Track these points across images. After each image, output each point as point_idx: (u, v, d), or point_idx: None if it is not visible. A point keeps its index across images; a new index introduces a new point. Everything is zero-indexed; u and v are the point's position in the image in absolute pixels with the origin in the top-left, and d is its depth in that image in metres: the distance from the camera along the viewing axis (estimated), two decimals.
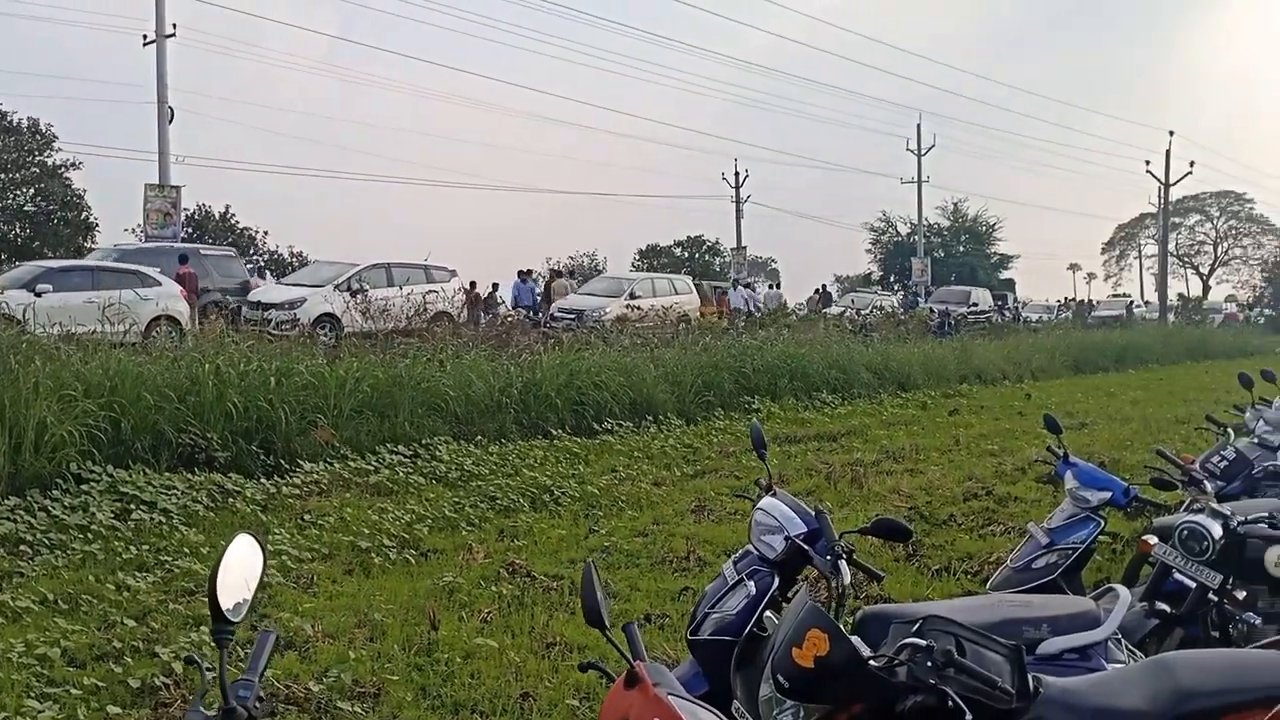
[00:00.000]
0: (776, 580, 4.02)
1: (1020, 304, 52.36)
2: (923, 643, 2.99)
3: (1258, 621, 4.83)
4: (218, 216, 45.95)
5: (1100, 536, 7.69)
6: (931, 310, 34.93)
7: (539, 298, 29.65)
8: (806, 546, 3.92)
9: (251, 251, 44.41)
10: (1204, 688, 3.07)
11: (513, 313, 26.63)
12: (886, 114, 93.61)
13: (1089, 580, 6.90)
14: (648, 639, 6.24)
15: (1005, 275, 62.33)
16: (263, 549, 2.35)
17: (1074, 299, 62.04)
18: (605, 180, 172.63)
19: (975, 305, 39.71)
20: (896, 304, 41.19)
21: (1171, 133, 51.00)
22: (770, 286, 41.03)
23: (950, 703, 2.87)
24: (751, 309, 30.54)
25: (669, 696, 2.71)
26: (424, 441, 11.43)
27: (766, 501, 4.22)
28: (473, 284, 27.00)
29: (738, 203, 51.02)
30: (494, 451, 11.73)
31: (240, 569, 2.22)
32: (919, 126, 50.87)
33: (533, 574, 7.38)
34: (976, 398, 20.32)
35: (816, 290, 41.99)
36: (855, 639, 3.18)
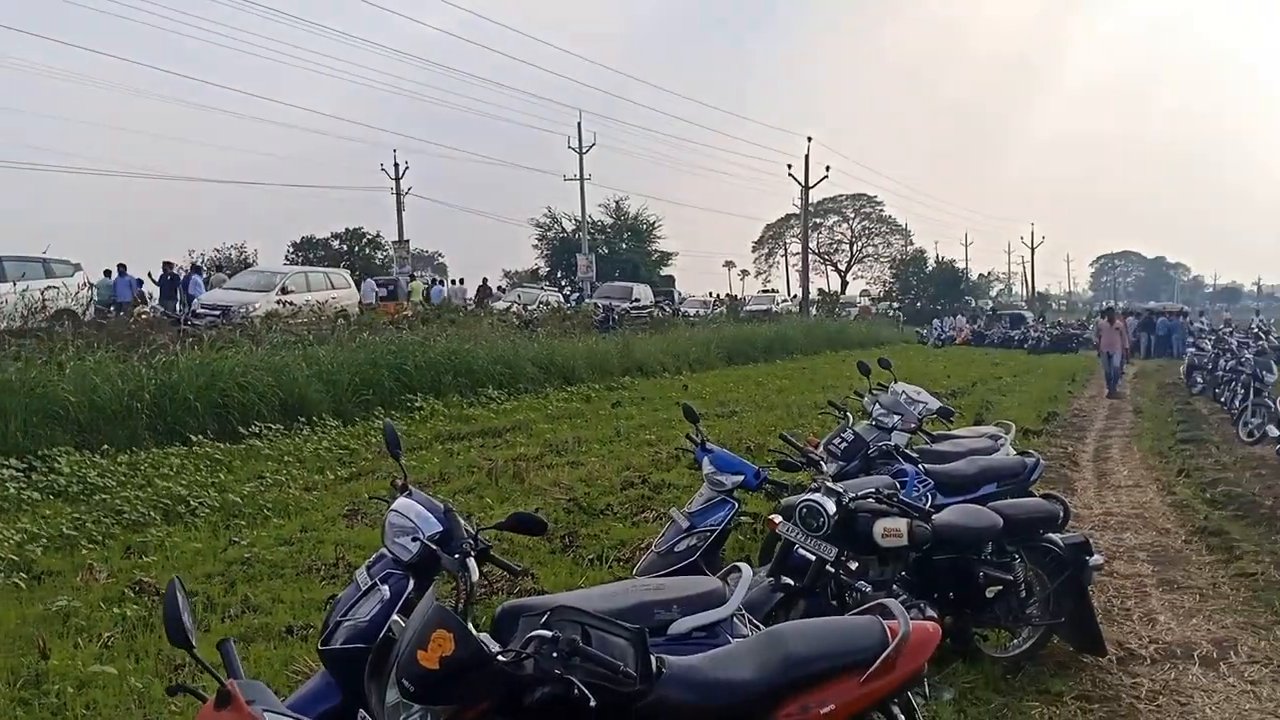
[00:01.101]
0: (412, 583, 3.93)
1: (680, 299, 54.73)
2: (549, 634, 3.02)
3: (868, 589, 5.23)
4: None
5: (743, 517, 8.20)
6: (596, 305, 35.78)
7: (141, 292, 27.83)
8: (435, 547, 3.86)
9: None
10: (809, 654, 3.29)
11: (149, 310, 24.79)
12: (550, 112, 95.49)
13: (738, 559, 7.31)
14: (291, 652, 5.98)
15: (666, 272, 64.84)
16: None
17: (729, 295, 65.36)
18: (257, 169, 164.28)
19: (638, 301, 41.05)
20: (562, 299, 41.94)
21: (810, 138, 55.07)
22: (454, 282, 40.68)
23: (576, 691, 2.92)
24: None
25: (265, 713, 2.59)
26: (40, 453, 10.40)
27: (401, 503, 4.11)
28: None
29: (398, 195, 50.14)
30: (123, 461, 10.83)
31: None
32: (579, 125, 52.04)
33: (162, 592, 6.86)
34: (638, 390, 20.93)
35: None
36: (485, 636, 3.17)
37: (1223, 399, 19.25)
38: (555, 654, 2.97)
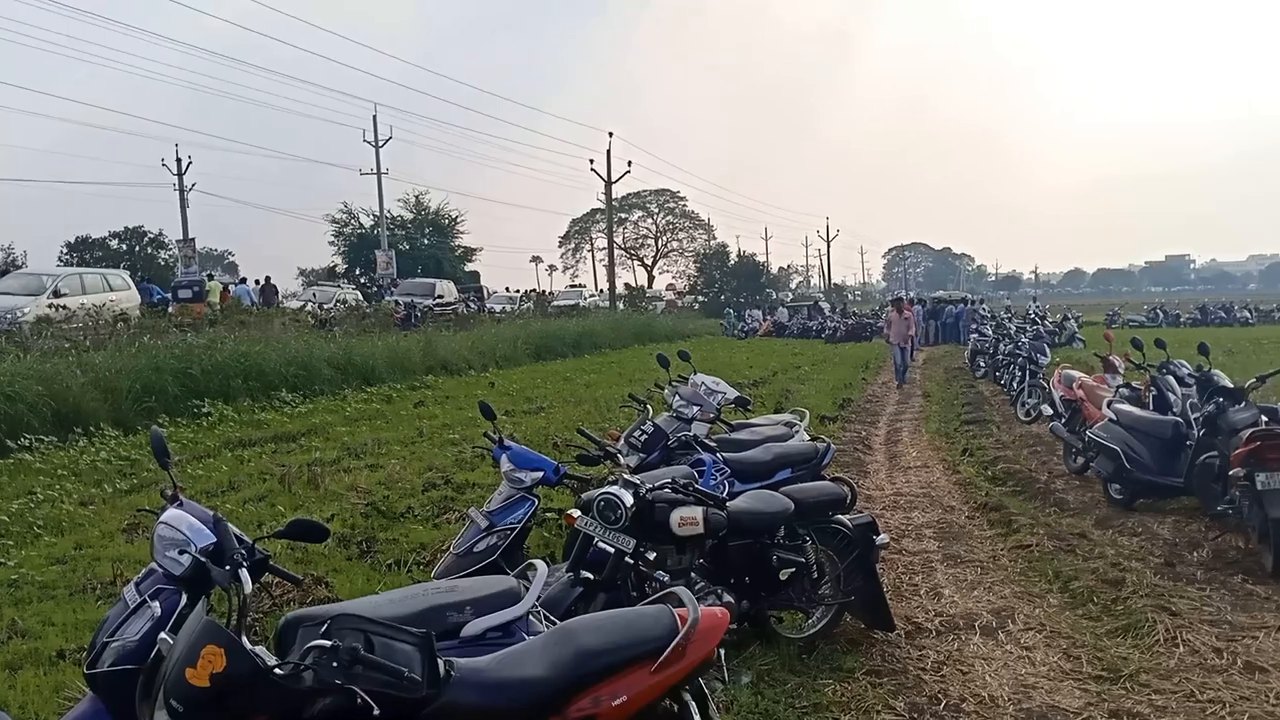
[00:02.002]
0: (184, 598, 3.72)
1: (489, 295, 54.20)
2: (328, 643, 2.93)
3: (666, 578, 5.27)
4: None
5: (548, 513, 8.15)
6: (397, 303, 35.06)
7: None
8: (204, 560, 3.65)
9: None
10: (599, 647, 3.28)
11: None
12: (345, 105, 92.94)
13: (544, 556, 7.25)
14: (62, 678, 5.59)
15: (471, 268, 64.11)
16: None
17: (536, 290, 65.22)
18: (22, 165, 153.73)
19: (441, 297, 40.45)
20: (361, 297, 40.91)
21: (611, 133, 55.50)
22: (257, 281, 38.91)
23: (359, 700, 2.83)
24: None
25: None
26: None
27: (170, 514, 3.88)
28: None
29: (181, 191, 47.90)
30: None
31: None
32: (375, 118, 50.88)
33: None
34: (442, 389, 20.61)
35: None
36: (262, 649, 3.04)
37: (1003, 381, 20.38)
38: (335, 664, 2.91)
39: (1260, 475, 7.36)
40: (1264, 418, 8.26)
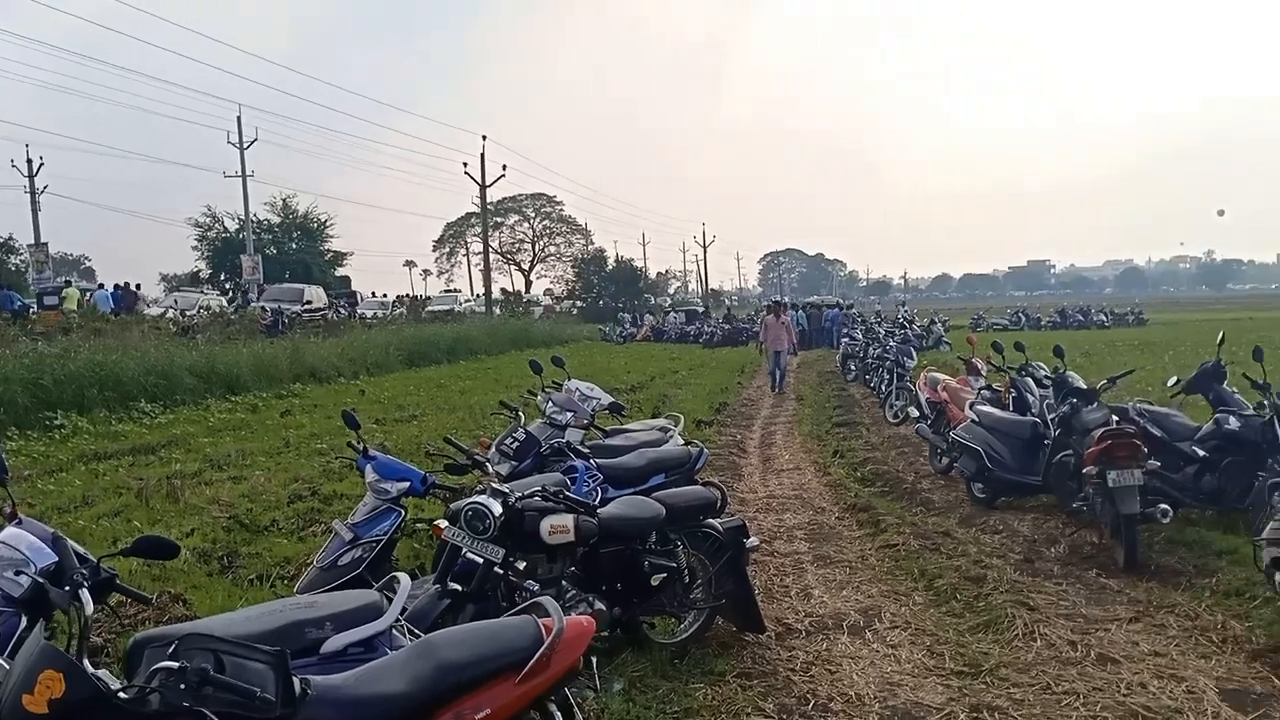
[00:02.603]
0: (24, 621, 3.53)
1: (360, 299, 53.14)
2: (176, 665, 2.81)
3: (537, 588, 5.19)
4: None
5: (419, 524, 8.00)
6: (264, 309, 34.13)
7: None
8: (42, 581, 3.46)
9: None
10: (462, 660, 3.21)
11: None
12: (208, 106, 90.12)
13: (414, 569, 7.09)
14: None
15: (341, 272, 62.82)
16: None
17: (410, 295, 64.27)
18: None
19: (309, 303, 39.55)
20: (225, 303, 39.71)
21: (484, 137, 55.30)
22: (120, 286, 37.27)
23: None
24: None
25: None
26: None
27: (8, 533, 3.69)
28: None
29: (33, 194, 45.68)
30: None
31: None
32: (239, 119, 49.38)
33: None
34: (310, 397, 20.13)
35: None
36: (104, 673, 2.89)
37: (872, 384, 20.85)
38: (183, 685, 2.80)
39: (1111, 473, 7.64)
40: (1114, 418, 8.60)
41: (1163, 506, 7.64)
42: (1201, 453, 8.60)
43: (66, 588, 3.35)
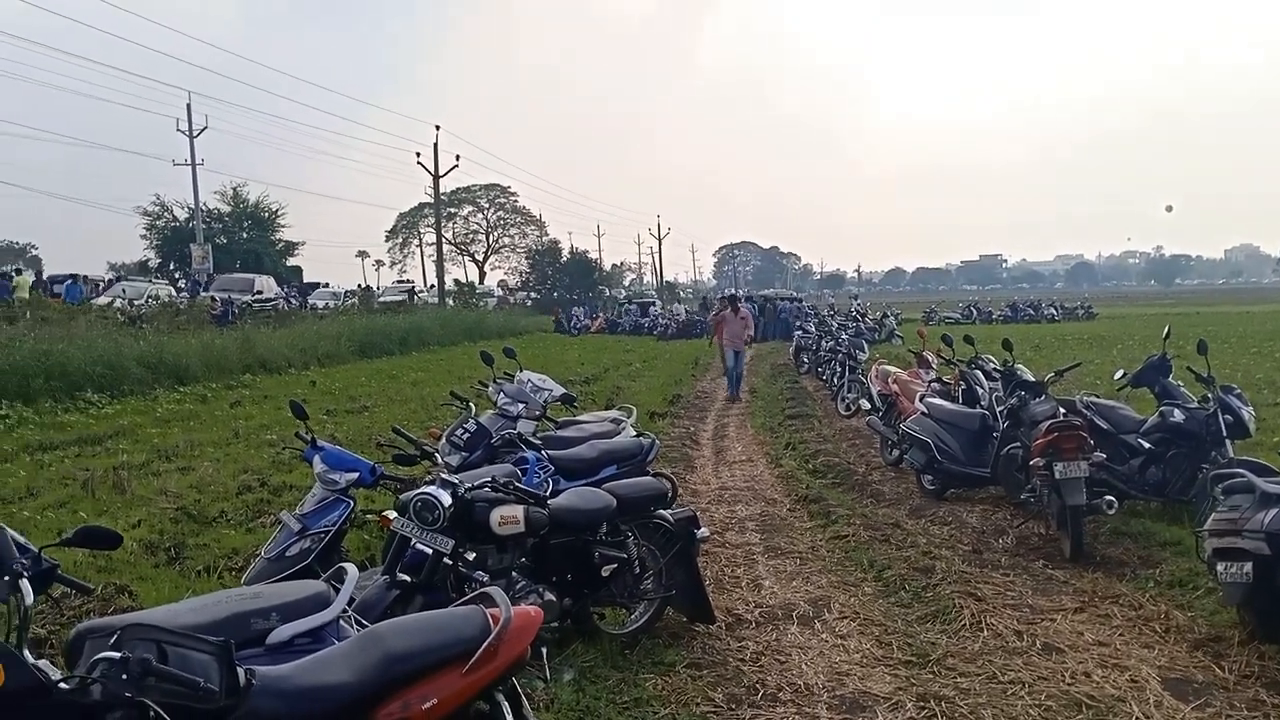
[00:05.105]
0: None
1: (309, 290, 52.60)
2: (117, 655, 2.77)
3: (486, 578, 5.19)
4: None
5: (369, 516, 7.95)
6: (214, 299, 33.69)
7: None
8: None
9: None
10: (408, 650, 3.20)
11: None
12: (157, 93, 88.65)
13: (363, 560, 7.05)
14: None
15: (292, 262, 62.19)
16: None
17: (362, 285, 63.68)
18: None
19: (260, 293, 39.10)
20: (175, 293, 39.15)
21: (438, 127, 54.81)
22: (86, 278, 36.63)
23: (152, 714, 2.69)
24: None
25: None
26: None
27: None
28: None
29: None
30: None
31: None
32: (189, 107, 48.67)
33: None
34: (261, 388, 19.89)
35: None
36: (45, 663, 2.86)
37: (825, 377, 20.98)
38: (125, 676, 2.75)
39: (1058, 465, 7.76)
40: (1062, 410, 8.73)
41: (1108, 498, 7.77)
42: (1147, 445, 8.75)
43: (6, 578, 3.29)
